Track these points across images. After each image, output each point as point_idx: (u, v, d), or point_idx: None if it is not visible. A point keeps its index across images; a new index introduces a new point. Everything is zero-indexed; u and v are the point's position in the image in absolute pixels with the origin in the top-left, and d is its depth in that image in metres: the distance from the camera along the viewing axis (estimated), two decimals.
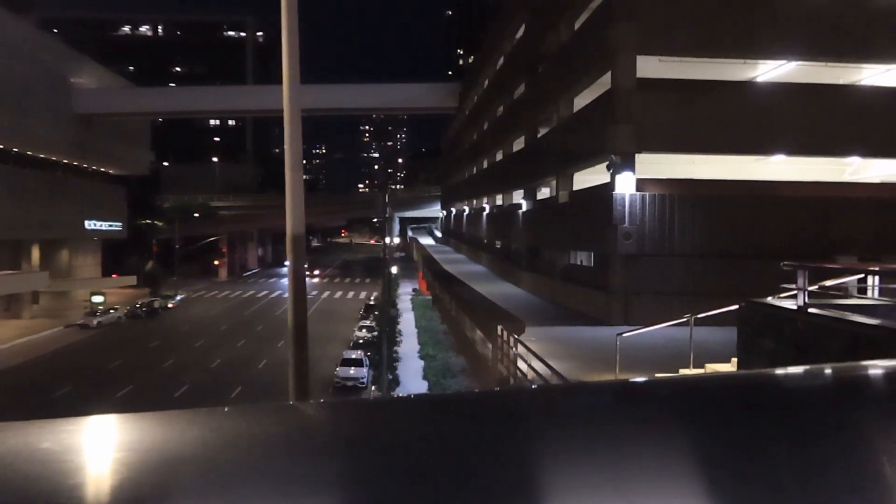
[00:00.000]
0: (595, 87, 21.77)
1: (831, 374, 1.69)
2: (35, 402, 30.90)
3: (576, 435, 1.20)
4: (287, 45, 5.40)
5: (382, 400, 2.53)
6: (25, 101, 50.01)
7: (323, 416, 1.46)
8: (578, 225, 22.28)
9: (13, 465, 1.04)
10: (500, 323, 12.54)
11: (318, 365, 39.44)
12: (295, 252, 5.27)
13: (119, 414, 1.24)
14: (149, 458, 1.08)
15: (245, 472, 1.07)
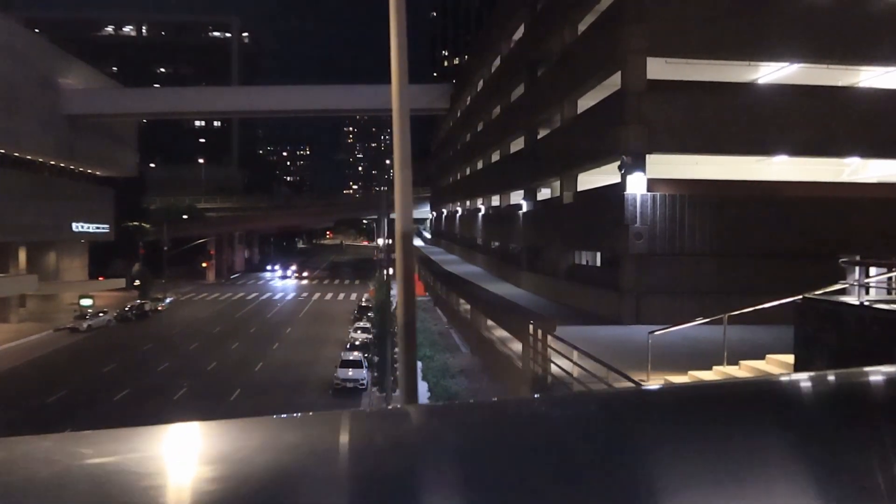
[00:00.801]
0: (601, 88, 21.93)
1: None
2: (30, 408, 30.51)
3: (686, 435, 1.21)
4: (395, 45, 5.42)
5: (486, 403, 2.52)
6: (12, 102, 49.38)
7: (434, 419, 1.48)
8: (585, 225, 22.43)
9: (109, 474, 1.06)
10: (531, 321, 12.59)
11: (316, 366, 39.44)
12: (404, 250, 5.28)
13: (204, 421, 1.27)
14: (268, 466, 1.08)
15: (369, 477, 1.08)
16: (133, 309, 57.70)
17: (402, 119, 5.46)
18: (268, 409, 30.37)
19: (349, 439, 1.20)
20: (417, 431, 1.37)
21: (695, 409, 1.38)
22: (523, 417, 1.41)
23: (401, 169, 5.50)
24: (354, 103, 63.41)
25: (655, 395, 1.65)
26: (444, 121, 65.67)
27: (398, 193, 5.47)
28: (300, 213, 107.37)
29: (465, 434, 1.28)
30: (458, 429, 1.32)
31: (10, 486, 1.03)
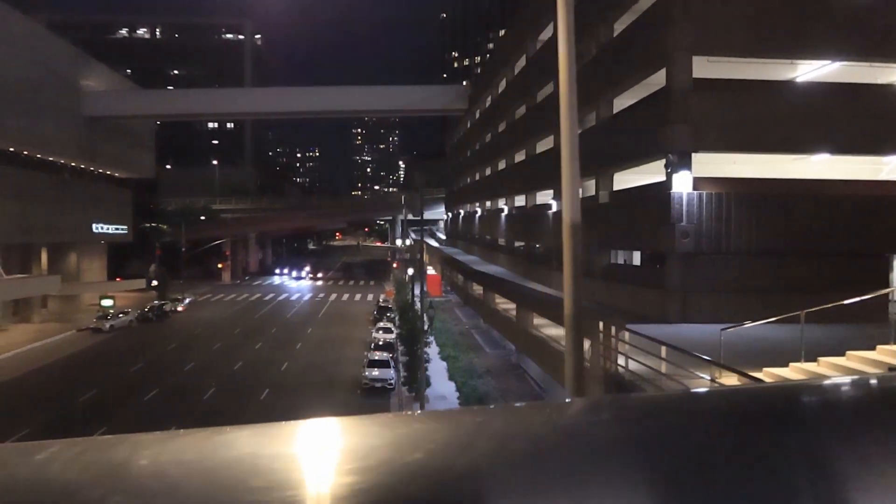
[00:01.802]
0: (640, 87, 21.94)
1: None
2: (63, 407, 30.70)
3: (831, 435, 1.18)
4: (564, 44, 5.45)
5: (647, 397, 2.48)
6: (36, 104, 49.73)
7: (599, 412, 1.46)
8: (625, 224, 22.42)
9: (248, 469, 1.06)
10: (601, 319, 12.62)
11: (341, 366, 39.55)
12: (572, 242, 5.31)
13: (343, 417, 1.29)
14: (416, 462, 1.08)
15: (540, 471, 1.07)
16: (153, 309, 57.96)
17: (569, 114, 5.49)
18: (300, 409, 30.47)
19: (524, 430, 1.23)
20: (579, 425, 1.36)
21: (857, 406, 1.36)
22: (711, 410, 1.40)
23: (570, 162, 5.53)
24: (368, 104, 63.55)
25: (800, 392, 1.59)
26: (460, 122, 65.66)
27: (566, 185, 5.51)
28: (314, 214, 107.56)
29: (638, 427, 1.27)
30: (626, 422, 1.32)
31: (142, 483, 1.06)
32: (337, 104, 61.22)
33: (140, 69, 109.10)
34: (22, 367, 38.96)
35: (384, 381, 33.70)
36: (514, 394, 33.52)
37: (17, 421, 28.03)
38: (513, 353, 40.90)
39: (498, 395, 32.90)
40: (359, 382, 35.19)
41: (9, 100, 46.00)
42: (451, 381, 34.84)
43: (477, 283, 35.33)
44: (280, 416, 10.50)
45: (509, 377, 37.18)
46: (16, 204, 48.61)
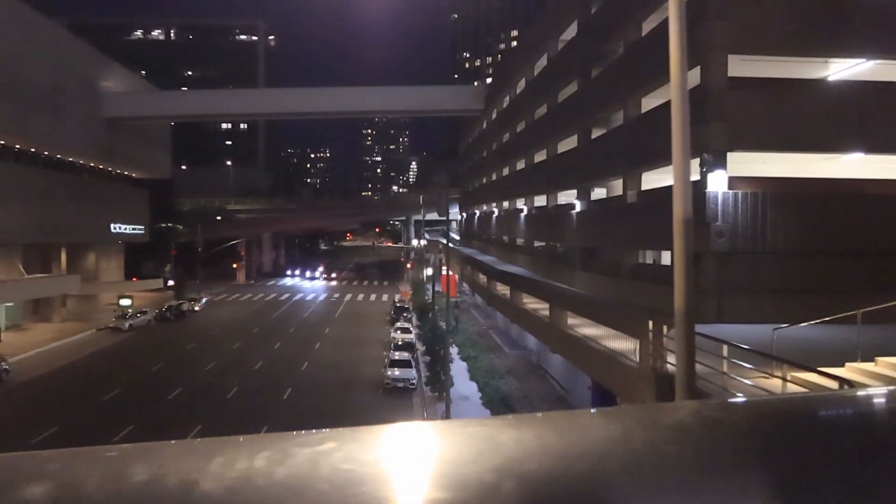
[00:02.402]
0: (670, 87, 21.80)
1: None
2: (89, 405, 30.88)
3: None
4: (676, 34, 5.43)
5: (758, 402, 2.39)
6: (58, 105, 50.09)
7: (710, 415, 1.44)
8: (655, 224, 22.27)
9: (348, 473, 1.06)
10: (651, 318, 12.56)
11: (361, 366, 39.62)
12: (684, 236, 5.28)
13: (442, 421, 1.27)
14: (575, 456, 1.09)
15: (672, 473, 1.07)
16: (171, 309, 58.22)
17: (681, 104, 5.46)
18: (323, 408, 30.58)
19: (638, 434, 1.21)
20: (694, 428, 1.34)
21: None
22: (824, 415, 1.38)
23: (681, 156, 5.51)
24: (384, 105, 63.50)
25: None
26: (476, 122, 65.60)
27: (677, 179, 5.49)
28: (328, 214, 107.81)
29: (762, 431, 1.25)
30: (741, 426, 1.31)
31: (251, 484, 1.06)
32: (354, 105, 61.29)
33: (154, 71, 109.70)
34: (45, 365, 39.23)
35: (406, 380, 33.72)
36: (536, 395, 33.46)
37: (46, 419, 28.24)
38: (533, 353, 40.86)
39: (521, 395, 32.84)
40: (380, 382, 35.25)
41: (34, 101, 46.38)
42: (473, 382, 34.81)
43: (503, 283, 35.26)
44: (305, 416, 10.67)
45: (530, 378, 37.13)
46: (38, 204, 49.01)
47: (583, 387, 30.68)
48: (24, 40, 45.84)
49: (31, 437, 25.89)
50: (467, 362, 38.45)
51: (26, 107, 45.59)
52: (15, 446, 9.05)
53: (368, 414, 30.13)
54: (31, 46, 46.64)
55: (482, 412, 30.04)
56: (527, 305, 29.66)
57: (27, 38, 46.39)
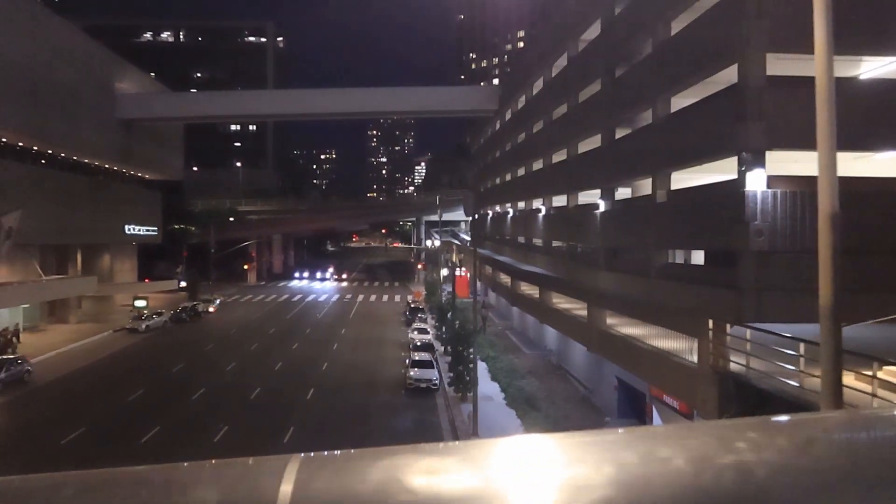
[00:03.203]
0: (703, 85, 21.77)
1: None
2: (114, 405, 30.92)
3: None
4: (821, 28, 5.41)
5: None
6: (75, 107, 50.20)
7: (871, 427, 1.36)
8: (686, 223, 22.25)
9: None
10: (710, 317, 12.50)
11: (381, 366, 39.65)
12: (831, 231, 5.25)
13: None
14: None
15: None
16: (186, 310, 58.31)
17: (828, 96, 5.43)
18: (347, 408, 30.61)
19: (800, 447, 1.16)
20: (859, 441, 1.28)
21: None
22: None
23: (828, 149, 5.47)
24: (397, 106, 63.32)
25: None
26: (488, 123, 65.53)
27: (824, 173, 5.44)
28: (338, 215, 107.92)
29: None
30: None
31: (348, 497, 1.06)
32: (368, 106, 61.27)
33: (164, 72, 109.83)
34: (66, 366, 39.32)
35: (428, 381, 33.71)
36: (559, 395, 33.41)
37: (73, 420, 28.29)
38: (552, 353, 40.79)
39: (544, 396, 32.81)
40: (401, 382, 35.28)
41: (52, 103, 46.51)
42: (494, 382, 34.77)
43: (532, 283, 35.19)
44: (331, 416, 10.73)
45: (551, 378, 37.08)
46: (55, 205, 49.11)
47: (608, 387, 30.63)
48: (44, 42, 45.99)
49: (60, 437, 25.91)
50: (487, 363, 38.37)
51: (46, 108, 45.72)
52: (45, 447, 9.19)
53: (394, 414, 30.15)
54: (50, 48, 46.78)
55: (507, 413, 30.02)
56: (557, 305, 29.59)
57: (47, 40, 46.55)
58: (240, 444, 25.34)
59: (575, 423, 28.20)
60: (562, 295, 30.34)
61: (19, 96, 42.81)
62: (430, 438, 26.97)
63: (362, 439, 26.30)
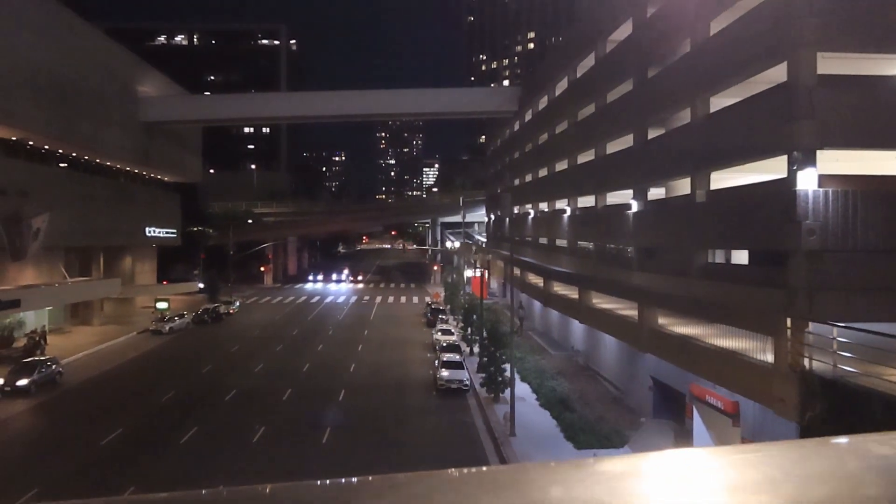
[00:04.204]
0: (746, 84, 21.73)
1: None
2: (149, 407, 31.05)
3: None
4: None
5: None
6: (100, 110, 50.52)
7: None
8: (729, 223, 22.21)
9: None
10: (788, 315, 12.48)
11: (407, 367, 39.71)
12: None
13: None
14: None
15: None
16: (207, 312, 58.52)
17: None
18: (381, 409, 30.66)
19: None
20: None
21: None
22: None
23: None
24: (417, 107, 63.39)
25: None
26: (506, 124, 65.52)
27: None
28: (353, 217, 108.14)
29: None
30: None
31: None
32: (388, 107, 61.47)
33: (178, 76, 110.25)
34: (95, 368, 39.52)
35: (460, 381, 33.74)
36: (590, 395, 33.34)
37: (108, 421, 28.42)
38: (579, 353, 40.73)
39: (575, 396, 32.76)
40: (430, 383, 35.35)
41: (79, 106, 46.84)
42: (524, 383, 34.76)
43: (568, 284, 35.15)
44: (365, 417, 10.98)
45: (580, 378, 37.01)
46: (79, 208, 49.42)
47: (641, 387, 30.58)
48: (70, 46, 46.34)
49: (98, 439, 26.03)
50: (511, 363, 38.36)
51: (72, 111, 46.04)
52: (85, 449, 9.39)
53: (428, 415, 30.19)
54: (76, 52, 47.14)
55: (541, 413, 30.01)
56: (598, 305, 29.55)
57: (74, 44, 46.91)
58: (279, 446, 25.44)
59: (610, 424, 28.15)
60: (605, 295, 30.27)
61: (48, 100, 43.12)
62: (467, 438, 27.01)
63: (401, 440, 26.34)
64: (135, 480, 21.55)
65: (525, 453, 24.24)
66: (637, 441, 26.13)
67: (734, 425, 22.56)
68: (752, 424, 20.07)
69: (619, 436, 26.35)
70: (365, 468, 22.47)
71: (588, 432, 26.33)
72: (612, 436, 26.23)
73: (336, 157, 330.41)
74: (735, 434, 22.08)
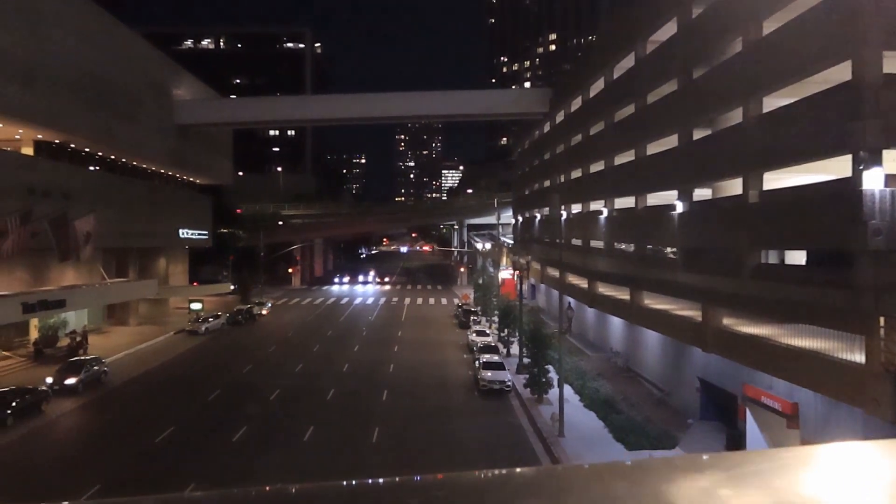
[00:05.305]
0: (803, 84, 21.62)
1: None
2: (198, 405, 31.41)
3: None
4: None
5: None
6: (137, 113, 51.23)
7: None
8: (785, 224, 22.09)
9: None
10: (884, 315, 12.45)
11: (446, 368, 39.87)
12: None
13: None
14: None
15: None
16: (241, 313, 59.07)
17: None
18: (425, 409, 30.82)
19: None
20: None
21: None
22: None
23: None
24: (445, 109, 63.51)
25: None
26: (536, 125, 65.47)
27: None
28: (378, 219, 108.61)
29: None
30: None
31: None
32: (418, 109, 61.78)
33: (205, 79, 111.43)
34: (137, 367, 40.05)
35: (502, 382, 33.82)
36: (633, 397, 33.26)
37: (159, 419, 28.80)
38: (618, 355, 40.63)
39: (620, 398, 32.70)
40: (469, 383, 35.50)
41: (118, 109, 47.56)
42: (566, 384, 34.70)
43: (617, 285, 35.07)
44: (410, 417, 11.37)
45: (619, 380, 36.94)
46: (117, 210, 50.08)
47: (687, 389, 30.45)
48: (111, 50, 47.10)
49: (152, 436, 26.41)
50: (552, 365, 38.35)
51: (112, 114, 46.75)
52: (141, 447, 9.60)
53: (473, 415, 30.29)
54: (116, 56, 47.89)
55: (586, 414, 30.00)
56: (652, 306, 29.50)
57: (114, 47, 47.67)
58: (330, 444, 25.64)
59: (657, 426, 28.08)
60: (660, 295, 30.18)
61: (90, 103, 43.81)
62: (515, 439, 27.07)
63: (448, 440, 26.46)
64: (193, 478, 21.84)
65: (577, 454, 24.24)
66: (686, 443, 26.04)
67: (789, 427, 22.44)
68: (814, 426, 19.93)
69: (669, 437, 26.27)
70: (419, 468, 22.61)
71: (638, 433, 26.28)
72: (662, 437, 26.15)
73: (356, 159, 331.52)
74: (792, 436, 21.95)
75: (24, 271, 41.93)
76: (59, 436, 27.28)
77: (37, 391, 30.37)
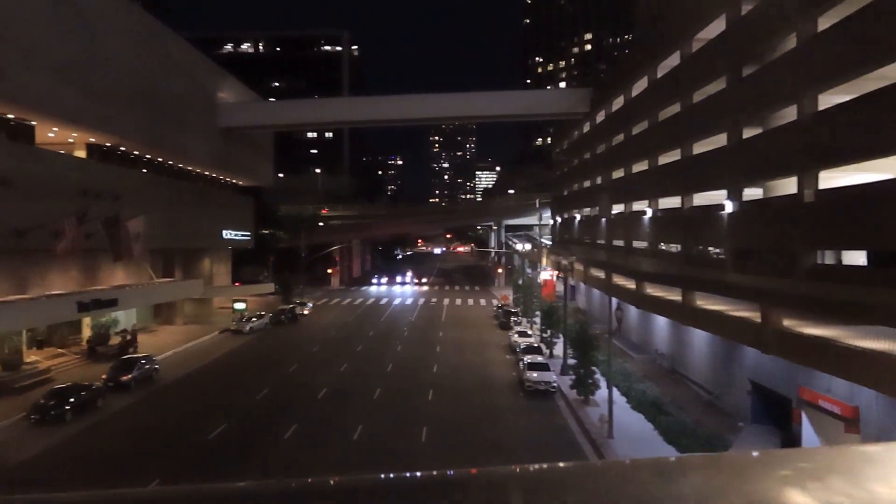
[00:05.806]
0: (858, 81, 21.20)
1: None
2: (247, 404, 31.94)
3: None
4: None
5: None
6: (184, 116, 52.31)
7: None
8: (844, 223, 21.67)
9: None
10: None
11: (489, 368, 39.91)
12: None
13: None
14: None
15: None
16: (284, 312, 59.90)
17: None
18: (472, 409, 30.87)
19: None
20: None
21: None
22: None
23: None
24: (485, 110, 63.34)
25: None
26: (575, 125, 65.12)
27: None
28: (417, 220, 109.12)
29: None
30: None
31: None
32: (460, 110, 61.89)
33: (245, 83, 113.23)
34: (185, 365, 40.90)
35: (547, 383, 33.77)
36: (681, 399, 32.91)
37: (210, 416, 29.39)
38: (664, 356, 40.23)
39: (667, 400, 32.39)
40: (513, 384, 35.51)
41: (166, 112, 48.63)
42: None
43: (669, 286, 34.77)
44: (457, 417, 11.22)
45: (665, 382, 36.61)
46: (164, 211, 51.16)
47: (737, 391, 30.02)
48: (159, 55, 48.22)
49: (205, 433, 26.97)
50: (598, 367, 38.12)
51: (160, 117, 47.82)
52: (195, 443, 9.75)
53: (520, 416, 30.27)
54: (165, 60, 49.01)
55: (634, 416, 29.78)
56: (705, 307, 29.19)
57: (162, 52, 48.79)
58: (380, 442, 25.88)
59: (709, 429, 27.75)
60: (714, 296, 29.85)
61: (140, 107, 44.89)
62: (563, 439, 26.99)
63: (497, 440, 26.49)
64: (248, 474, 22.26)
65: (629, 457, 24.07)
66: (739, 446, 25.66)
67: (847, 431, 21.99)
68: (876, 430, 19.52)
69: (721, 440, 25.94)
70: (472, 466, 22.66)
71: (689, 436, 25.99)
72: (713, 440, 25.83)
73: (391, 160, 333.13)
74: (850, 440, 21.51)
75: (78, 271, 43.18)
76: (115, 431, 27.98)
77: (92, 388, 31.25)
